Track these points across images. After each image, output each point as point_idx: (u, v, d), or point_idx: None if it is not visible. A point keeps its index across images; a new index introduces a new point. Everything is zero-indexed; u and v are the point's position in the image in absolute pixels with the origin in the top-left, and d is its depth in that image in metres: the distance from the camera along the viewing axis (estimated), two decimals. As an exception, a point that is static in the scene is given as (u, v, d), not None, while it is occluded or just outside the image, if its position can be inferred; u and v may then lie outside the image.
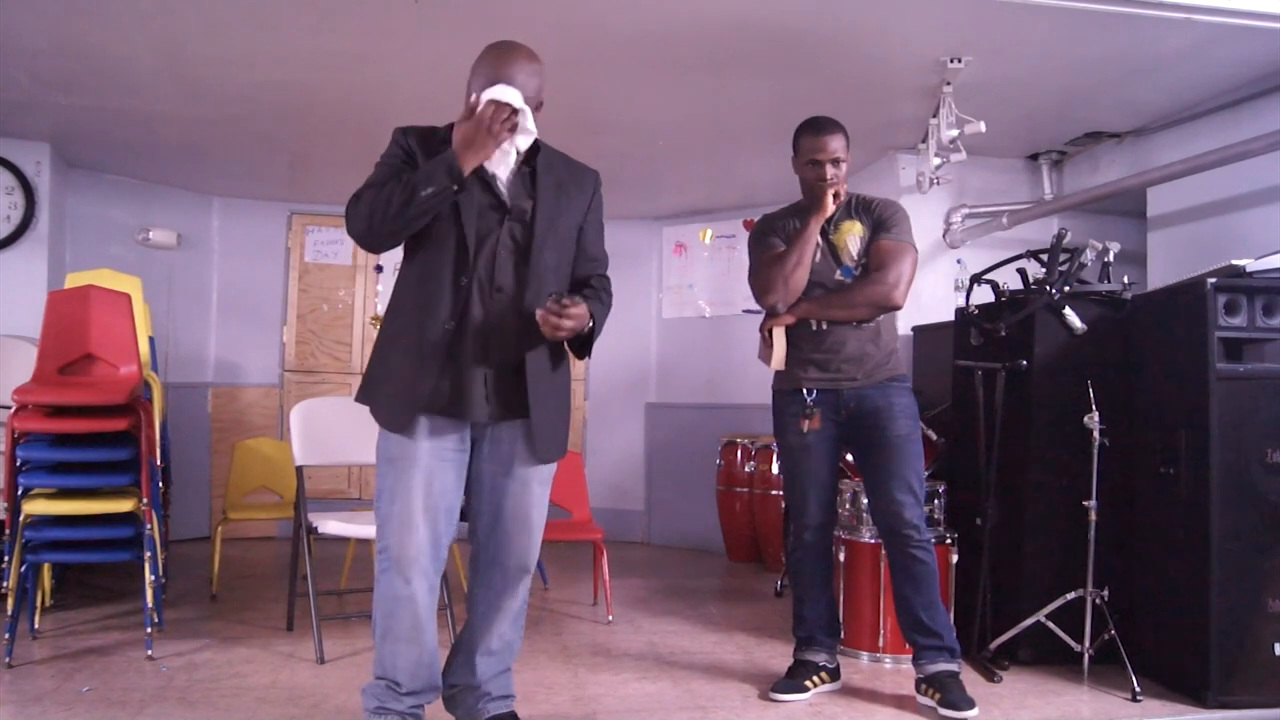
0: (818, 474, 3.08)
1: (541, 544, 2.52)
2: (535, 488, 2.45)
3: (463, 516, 2.47)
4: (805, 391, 3.06)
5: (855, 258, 3.04)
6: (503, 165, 2.36)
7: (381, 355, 2.41)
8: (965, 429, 3.71)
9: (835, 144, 3.03)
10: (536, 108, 2.34)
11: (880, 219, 3.07)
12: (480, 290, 2.32)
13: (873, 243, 3.05)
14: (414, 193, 2.20)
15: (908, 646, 3.47)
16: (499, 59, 2.31)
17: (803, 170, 3.09)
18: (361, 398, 2.42)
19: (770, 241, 3.15)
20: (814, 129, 3.06)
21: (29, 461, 3.40)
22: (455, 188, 2.21)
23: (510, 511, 2.43)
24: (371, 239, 2.28)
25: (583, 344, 2.44)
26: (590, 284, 2.50)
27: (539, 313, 2.26)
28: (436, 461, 2.33)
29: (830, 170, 3.02)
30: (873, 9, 3.28)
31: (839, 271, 3.05)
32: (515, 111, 2.22)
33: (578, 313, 2.27)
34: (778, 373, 3.14)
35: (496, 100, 2.20)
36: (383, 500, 2.35)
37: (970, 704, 2.90)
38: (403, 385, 2.31)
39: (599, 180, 2.54)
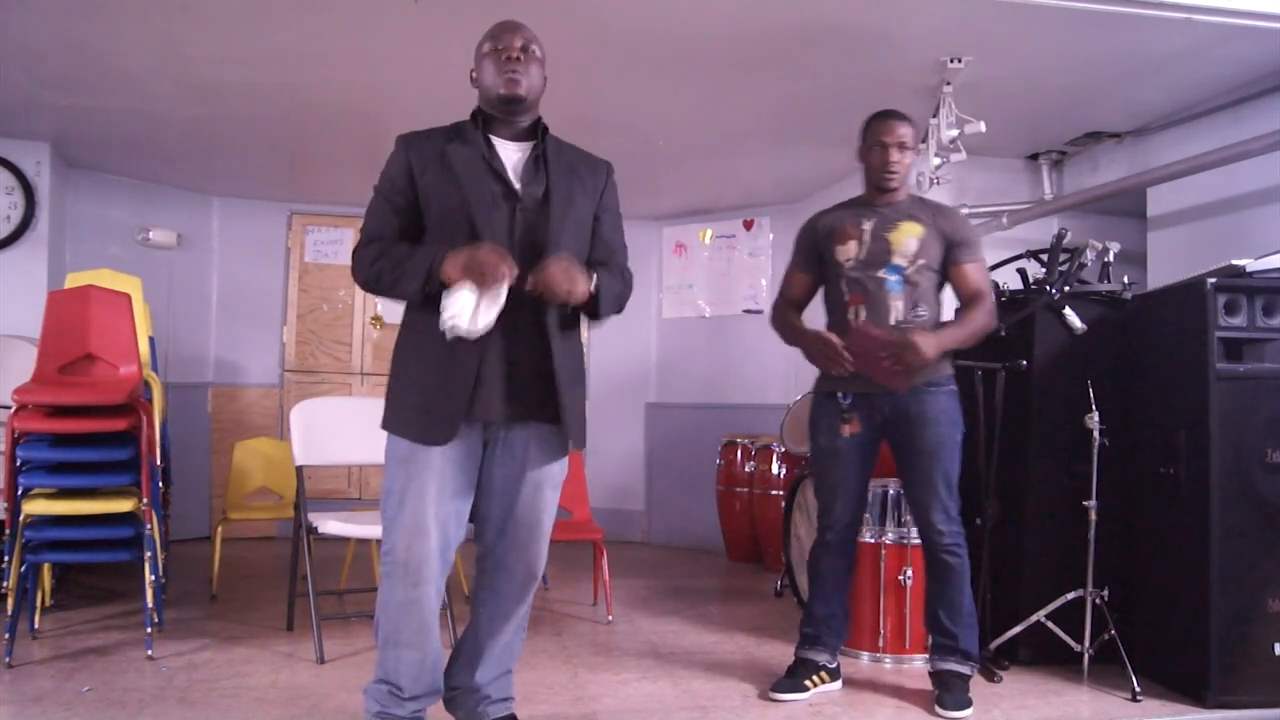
0: (846, 479, 3.06)
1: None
2: (547, 492, 2.42)
3: (470, 517, 2.46)
4: (840, 396, 3.02)
5: (910, 258, 2.97)
6: (510, 153, 2.35)
7: (405, 372, 2.35)
8: (965, 429, 3.70)
9: (904, 130, 2.99)
10: (542, 83, 2.37)
11: (960, 237, 3.00)
12: None
13: (957, 263, 2.99)
14: (395, 283, 2.26)
15: (907, 646, 3.50)
16: (502, 23, 2.36)
17: (867, 155, 3.04)
18: (390, 424, 2.34)
19: (794, 259, 3.17)
20: (883, 114, 3.04)
21: (29, 461, 3.40)
22: (427, 287, 2.21)
23: (521, 516, 2.40)
24: (376, 295, 2.41)
25: (591, 309, 2.35)
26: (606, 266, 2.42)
27: (535, 278, 2.19)
28: (449, 464, 2.29)
29: (895, 154, 2.97)
30: (873, 9, 3.28)
31: (884, 270, 2.97)
32: (503, 280, 2.14)
33: (558, 258, 2.20)
34: (819, 376, 3.11)
35: (502, 259, 2.14)
36: (390, 502, 2.31)
37: (960, 705, 2.91)
38: (438, 398, 2.26)
39: (611, 169, 2.49)
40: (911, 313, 2.96)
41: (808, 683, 3.09)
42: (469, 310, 2.14)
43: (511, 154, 2.35)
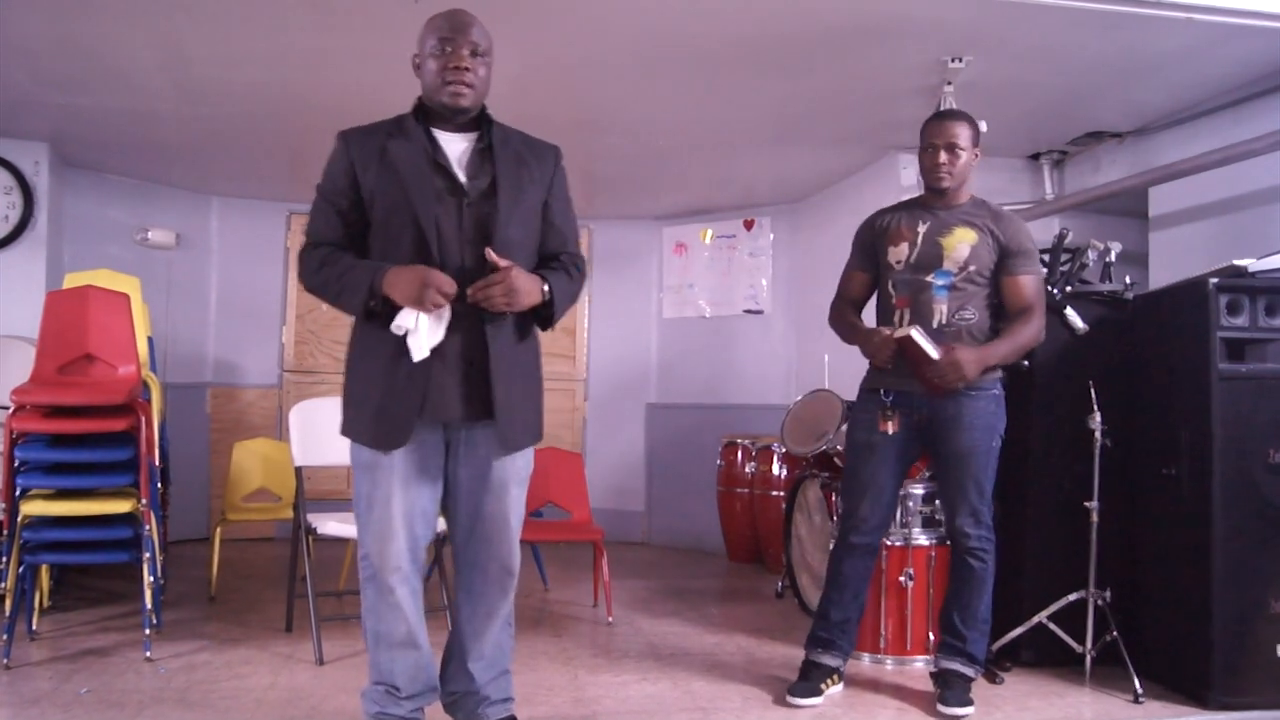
0: (876, 477, 3.04)
1: (542, 544, 2.50)
2: (513, 489, 2.40)
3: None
4: (883, 393, 3.02)
5: (960, 264, 2.96)
6: (454, 145, 2.31)
7: (358, 376, 2.34)
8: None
9: (954, 130, 2.97)
10: (489, 80, 2.33)
11: (1016, 246, 2.98)
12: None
13: (1011, 273, 2.97)
14: (337, 297, 2.27)
15: (909, 647, 3.49)
16: (452, 15, 2.31)
17: (921, 156, 3.03)
18: (348, 429, 2.35)
19: (853, 257, 3.17)
20: (937, 114, 3.04)
21: (27, 462, 3.39)
22: (372, 303, 2.21)
23: (489, 515, 2.38)
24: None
25: (544, 315, 2.33)
26: (559, 259, 2.40)
27: (471, 290, 2.18)
28: (411, 466, 2.30)
29: (944, 156, 2.95)
30: (874, 9, 3.27)
31: (933, 274, 2.97)
32: (446, 302, 2.17)
33: (504, 278, 2.18)
34: (865, 375, 3.12)
35: (446, 283, 2.15)
36: (361, 507, 2.33)
37: (961, 704, 2.92)
38: (392, 402, 2.25)
39: (560, 154, 2.44)
40: (955, 316, 2.95)
41: (822, 686, 3.07)
42: (419, 334, 2.18)
43: (455, 146, 2.31)
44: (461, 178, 2.28)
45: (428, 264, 2.20)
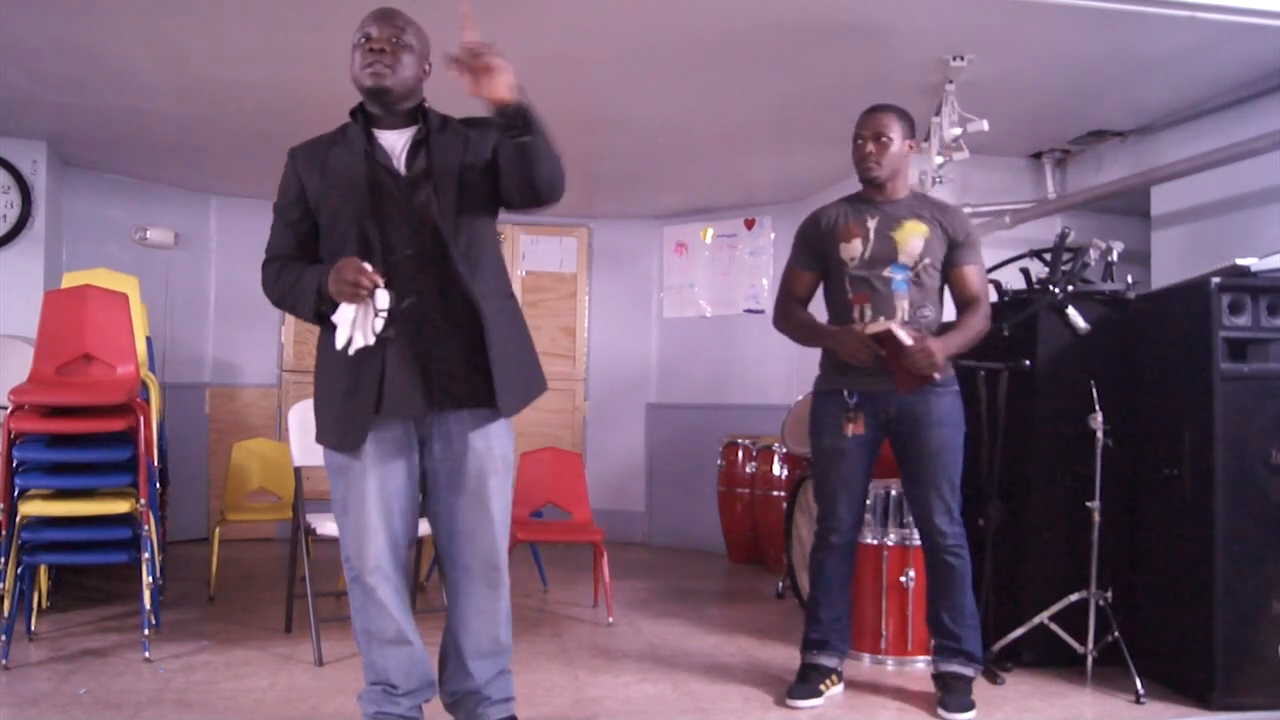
0: (850, 480, 3.04)
1: (541, 545, 2.48)
2: (491, 481, 2.36)
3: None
4: (846, 394, 3.01)
5: (915, 258, 2.97)
6: (394, 141, 2.32)
7: (321, 381, 2.35)
8: (968, 430, 3.67)
9: (882, 122, 3.00)
10: (417, 72, 2.33)
11: (964, 237, 3.01)
12: (400, 274, 2.23)
13: (958, 265, 3.00)
14: (294, 306, 2.31)
15: (909, 648, 3.48)
16: (380, 10, 2.33)
17: (852, 150, 3.06)
18: (318, 435, 2.35)
19: (797, 256, 3.16)
20: (868, 109, 3.06)
21: (25, 462, 3.38)
22: (323, 307, 2.23)
23: (468, 510, 2.35)
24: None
25: (520, 117, 2.11)
26: None
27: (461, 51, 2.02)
28: (385, 464, 2.29)
29: (870, 147, 2.98)
30: (876, 7, 3.26)
31: (890, 268, 2.97)
32: (370, 291, 2.15)
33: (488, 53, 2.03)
34: (819, 375, 3.11)
35: (348, 267, 2.14)
36: (338, 510, 2.34)
37: (963, 708, 2.90)
38: (347, 404, 2.26)
39: None
40: (917, 312, 2.96)
41: (821, 687, 3.06)
42: (350, 325, 2.17)
43: (395, 141, 2.33)
44: (401, 170, 2.31)
45: (369, 260, 2.19)
